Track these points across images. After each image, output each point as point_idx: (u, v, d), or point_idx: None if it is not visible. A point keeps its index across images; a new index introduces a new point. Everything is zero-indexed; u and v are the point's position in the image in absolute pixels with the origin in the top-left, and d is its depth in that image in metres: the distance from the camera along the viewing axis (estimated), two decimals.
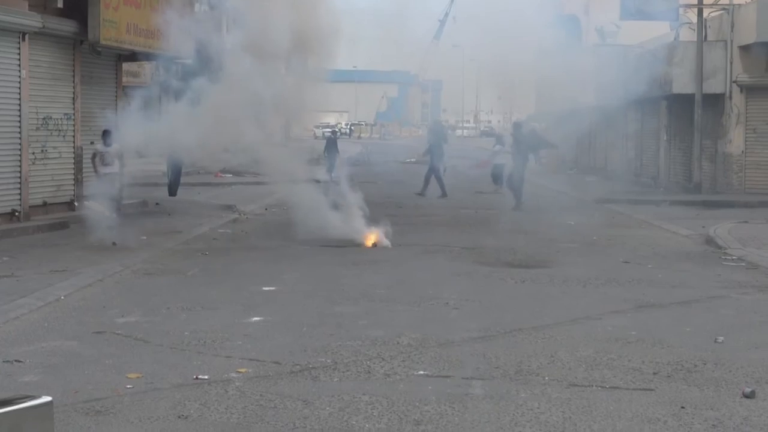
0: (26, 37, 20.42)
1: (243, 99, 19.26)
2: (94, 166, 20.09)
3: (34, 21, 20.41)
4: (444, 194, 31.72)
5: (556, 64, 30.84)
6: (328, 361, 9.60)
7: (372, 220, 19.39)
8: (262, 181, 27.02)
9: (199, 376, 8.93)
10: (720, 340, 10.64)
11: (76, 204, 22.90)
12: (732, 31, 32.39)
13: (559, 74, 30.71)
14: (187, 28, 19.84)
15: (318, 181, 34.40)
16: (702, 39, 32.80)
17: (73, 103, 22.69)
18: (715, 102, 33.03)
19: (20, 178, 20.58)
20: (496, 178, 34.71)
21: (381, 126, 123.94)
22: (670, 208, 28.49)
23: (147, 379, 8.85)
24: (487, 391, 8.59)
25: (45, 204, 21.86)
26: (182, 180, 29.30)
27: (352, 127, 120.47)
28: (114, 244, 18.06)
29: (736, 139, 32.39)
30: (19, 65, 20.43)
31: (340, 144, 41.14)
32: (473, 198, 31.45)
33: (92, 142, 23.73)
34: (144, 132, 19.07)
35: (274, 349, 10.01)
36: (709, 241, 19.81)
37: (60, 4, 21.37)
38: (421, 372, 9.23)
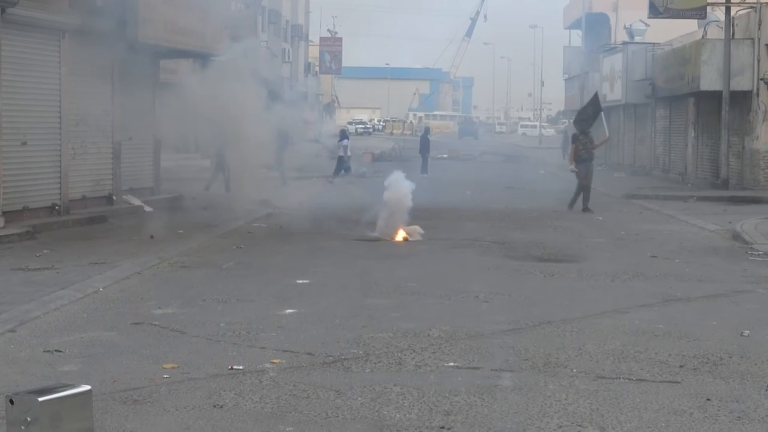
0: (66, 34, 20.64)
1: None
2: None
3: (73, 19, 20.65)
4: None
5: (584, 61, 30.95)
6: (360, 352, 9.71)
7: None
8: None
9: (234, 367, 9.04)
10: (746, 334, 10.71)
11: (114, 198, 23.21)
12: (759, 29, 32.33)
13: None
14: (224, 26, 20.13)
15: (330, 182, 35.40)
16: (729, 37, 32.77)
17: (112, 100, 22.99)
18: (742, 99, 32.99)
19: (60, 172, 20.84)
20: (339, 168, 37.97)
21: (412, 122, 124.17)
22: (697, 204, 28.51)
23: (183, 369, 8.95)
24: (515, 382, 8.69)
25: (84, 198, 22.11)
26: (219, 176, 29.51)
27: (384, 123, 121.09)
28: (151, 237, 18.35)
29: (762, 136, 32.34)
30: (60, 62, 20.64)
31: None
32: None
33: (130, 138, 24.07)
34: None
35: (308, 340, 10.11)
36: (736, 236, 19.86)
37: (99, 2, 21.63)
38: (451, 363, 9.33)
